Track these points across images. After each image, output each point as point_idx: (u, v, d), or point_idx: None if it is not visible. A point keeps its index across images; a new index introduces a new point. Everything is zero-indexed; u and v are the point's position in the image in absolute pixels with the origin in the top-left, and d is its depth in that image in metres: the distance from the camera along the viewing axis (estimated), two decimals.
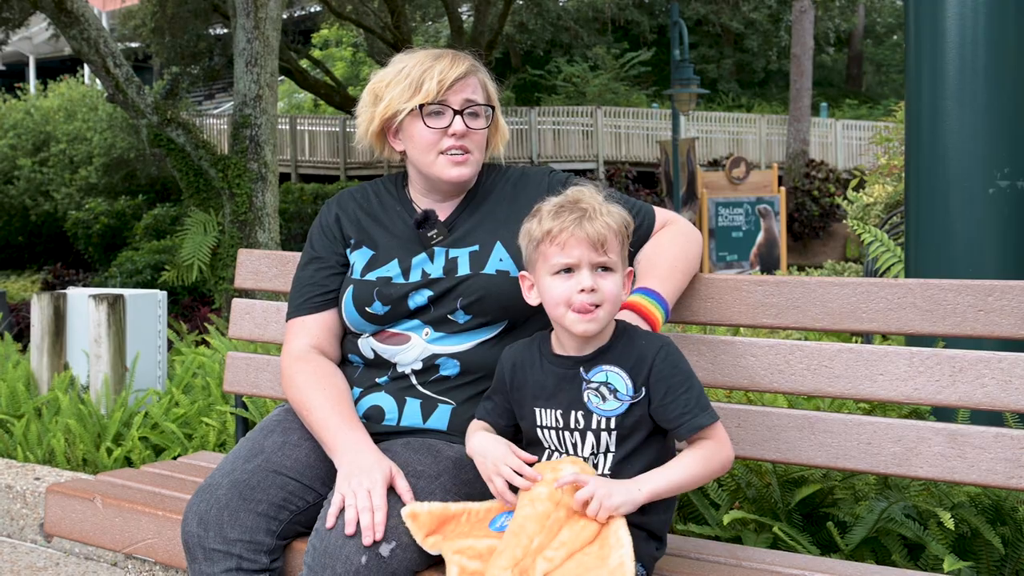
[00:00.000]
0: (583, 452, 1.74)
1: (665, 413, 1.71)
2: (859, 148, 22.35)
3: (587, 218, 1.71)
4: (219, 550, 1.83)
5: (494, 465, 1.75)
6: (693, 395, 1.72)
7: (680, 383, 1.72)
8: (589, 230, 1.70)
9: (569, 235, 1.70)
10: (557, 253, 1.72)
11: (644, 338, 1.78)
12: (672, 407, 1.71)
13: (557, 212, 1.74)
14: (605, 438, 1.73)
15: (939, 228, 2.78)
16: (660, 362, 1.73)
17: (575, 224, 1.70)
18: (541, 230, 1.74)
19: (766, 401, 2.80)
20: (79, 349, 4.73)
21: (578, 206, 1.73)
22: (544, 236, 1.74)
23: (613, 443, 1.73)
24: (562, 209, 1.74)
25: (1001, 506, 2.34)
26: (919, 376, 1.92)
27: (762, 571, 1.87)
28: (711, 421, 1.73)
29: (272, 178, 9.96)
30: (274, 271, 2.65)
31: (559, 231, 1.71)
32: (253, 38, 9.64)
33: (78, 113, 19.85)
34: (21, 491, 3.52)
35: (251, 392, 2.67)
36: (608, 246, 1.71)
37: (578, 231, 1.70)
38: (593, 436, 1.73)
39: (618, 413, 1.72)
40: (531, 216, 1.80)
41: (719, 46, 29.41)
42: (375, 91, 2.09)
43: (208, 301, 11.28)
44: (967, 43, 2.75)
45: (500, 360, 1.89)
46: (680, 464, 1.71)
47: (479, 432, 1.85)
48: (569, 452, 1.75)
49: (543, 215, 1.76)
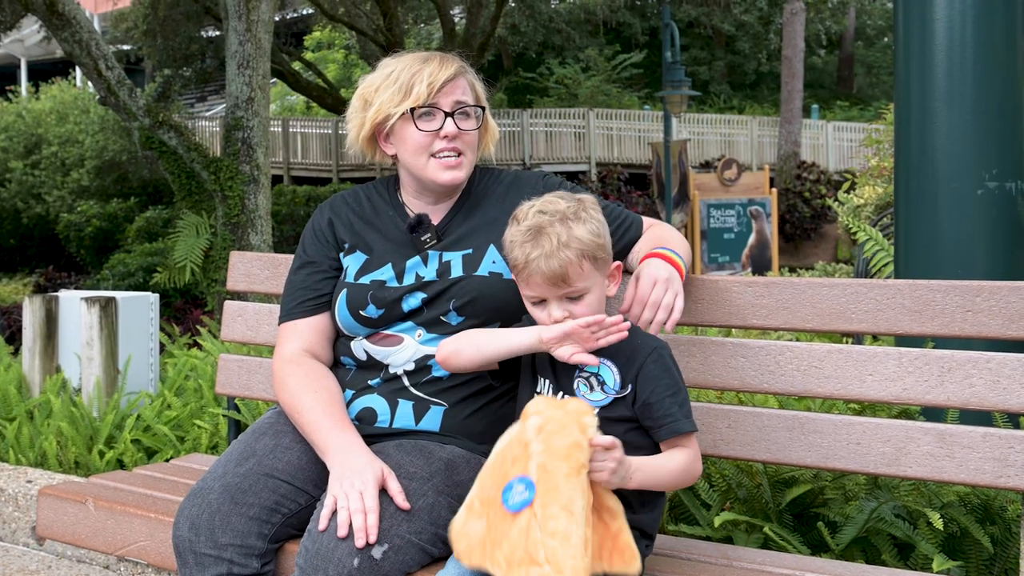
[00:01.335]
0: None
1: (649, 412, 1.76)
2: (850, 150, 22.39)
3: (545, 256, 1.72)
4: (210, 555, 1.83)
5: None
6: (678, 400, 1.77)
7: (668, 386, 1.76)
8: (546, 269, 1.72)
9: (531, 272, 1.74)
10: (524, 286, 1.79)
11: (641, 338, 1.81)
12: (656, 407, 1.75)
13: (522, 241, 1.75)
14: None
15: (928, 229, 2.79)
16: (652, 363, 1.77)
17: (536, 260, 1.72)
18: (510, 257, 1.79)
19: (757, 402, 2.81)
20: (71, 352, 4.72)
21: (539, 239, 1.73)
22: (512, 265, 1.80)
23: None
24: (526, 240, 1.75)
25: (990, 505, 2.35)
26: (908, 376, 1.93)
27: (753, 571, 1.88)
28: (691, 429, 1.77)
29: (264, 180, 9.94)
30: (266, 273, 2.65)
31: (523, 266, 1.75)
32: (245, 40, 9.63)
33: (70, 116, 19.80)
34: (13, 494, 3.51)
35: (243, 394, 2.67)
36: (571, 278, 1.74)
37: (539, 268, 1.73)
38: None
39: (602, 404, 1.77)
40: (510, 224, 1.83)
41: (710, 48, 29.45)
42: (364, 96, 2.09)
43: (200, 303, 11.25)
44: (955, 45, 2.77)
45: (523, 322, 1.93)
46: (668, 459, 1.75)
47: None
48: None
49: (512, 239, 1.79)
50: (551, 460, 1.57)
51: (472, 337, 1.91)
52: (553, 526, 1.54)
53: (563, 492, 1.55)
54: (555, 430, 1.59)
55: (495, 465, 1.66)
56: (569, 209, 1.77)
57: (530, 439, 1.61)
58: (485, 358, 1.88)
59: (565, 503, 1.55)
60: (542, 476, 1.57)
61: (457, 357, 1.90)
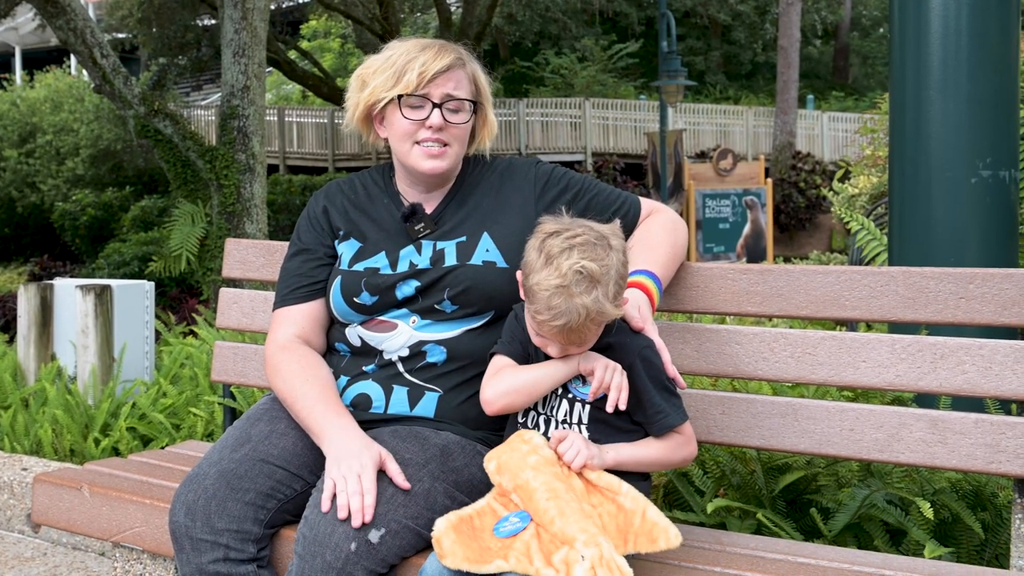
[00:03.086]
0: (557, 415, 1.83)
1: (641, 409, 1.80)
2: (845, 140, 22.39)
3: (570, 328, 1.70)
4: (207, 540, 1.84)
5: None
6: (666, 395, 1.81)
7: (657, 383, 1.81)
8: (564, 335, 1.73)
9: (550, 330, 1.73)
10: (535, 333, 1.79)
11: (629, 336, 1.85)
12: (648, 405, 1.80)
13: (551, 296, 1.69)
14: (578, 409, 1.82)
15: (922, 217, 2.80)
16: (641, 360, 1.81)
17: (557, 324, 1.70)
18: (532, 303, 1.74)
19: (751, 389, 2.82)
20: (66, 340, 4.73)
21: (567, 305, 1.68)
22: (530, 304, 1.75)
23: (586, 415, 1.82)
24: (554, 296, 1.69)
25: (981, 491, 2.37)
26: (901, 363, 1.94)
27: (746, 556, 1.89)
28: (682, 421, 1.82)
29: (260, 169, 9.93)
30: (262, 260, 2.65)
31: (541, 322, 1.73)
32: (241, 29, 9.61)
33: (65, 104, 19.72)
34: (8, 482, 3.52)
35: (239, 381, 2.67)
36: (585, 342, 1.77)
37: (560, 333, 1.72)
38: (567, 404, 1.83)
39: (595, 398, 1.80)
40: (536, 250, 1.75)
41: (706, 38, 29.42)
42: (362, 77, 2.10)
43: (196, 293, 11.24)
44: (950, 34, 2.77)
45: (517, 312, 1.92)
46: (648, 445, 1.82)
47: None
48: (547, 415, 1.83)
49: (538, 283, 1.71)
50: (519, 478, 1.70)
51: (515, 386, 1.84)
52: (550, 516, 1.64)
53: (539, 491, 1.67)
54: (509, 459, 1.74)
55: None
56: (600, 268, 1.71)
57: (498, 480, 1.75)
58: (537, 399, 1.86)
59: (548, 496, 1.66)
60: (523, 496, 1.69)
61: (512, 408, 1.87)
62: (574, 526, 1.62)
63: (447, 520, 1.71)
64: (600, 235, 1.75)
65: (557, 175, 2.14)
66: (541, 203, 2.08)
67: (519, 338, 1.89)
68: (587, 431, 1.81)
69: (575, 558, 1.58)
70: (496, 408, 1.85)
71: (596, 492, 1.73)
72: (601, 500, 1.72)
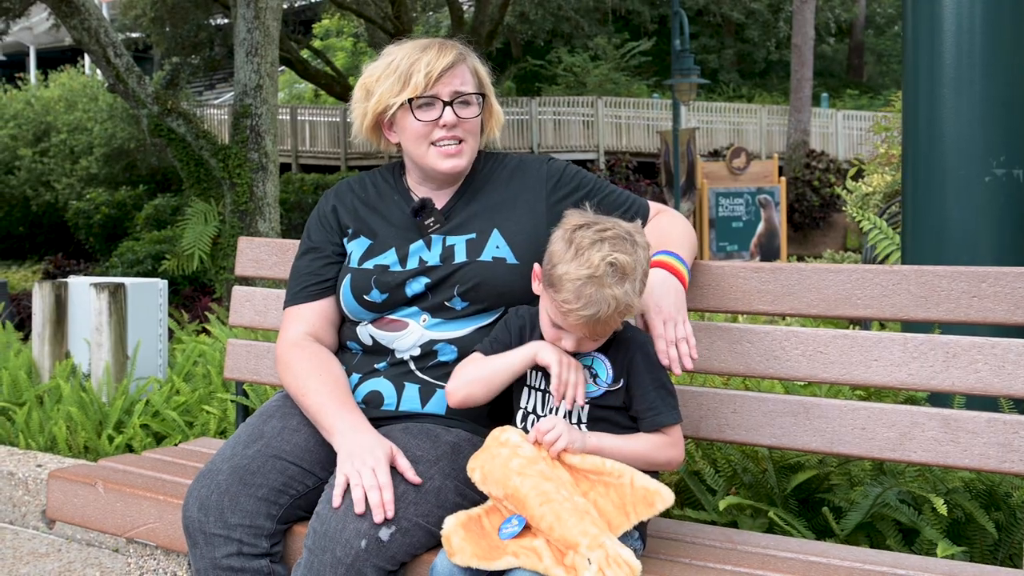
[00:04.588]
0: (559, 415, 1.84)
1: (633, 403, 1.82)
2: (860, 138, 22.32)
3: (597, 320, 1.70)
4: (220, 535, 1.85)
5: None
6: (662, 393, 1.81)
7: (654, 379, 1.82)
8: (591, 326, 1.73)
9: (577, 320, 1.72)
10: (557, 315, 1.76)
11: (629, 330, 1.86)
12: (641, 400, 1.81)
13: (582, 286, 1.69)
14: (577, 409, 1.83)
15: (935, 215, 2.79)
16: (640, 356, 1.83)
17: (585, 315, 1.70)
18: (559, 292, 1.72)
19: (762, 387, 2.82)
20: (80, 337, 4.75)
21: (598, 295, 1.68)
22: (556, 293, 1.73)
23: (585, 415, 1.83)
24: (583, 287, 1.69)
25: (995, 491, 2.36)
26: (913, 362, 1.94)
27: (757, 555, 1.89)
28: (672, 421, 1.82)
29: (273, 168, 9.96)
30: (274, 259, 2.66)
31: (568, 312, 1.71)
32: (253, 28, 9.64)
33: (79, 103, 19.82)
34: (23, 478, 3.54)
35: (251, 379, 2.68)
36: (607, 333, 1.78)
37: (586, 324, 1.72)
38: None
39: (594, 396, 1.82)
40: (566, 241, 1.74)
41: (720, 36, 29.35)
42: (366, 86, 2.10)
43: (209, 291, 11.28)
44: (964, 32, 2.76)
45: (509, 317, 1.94)
46: (634, 439, 1.81)
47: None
48: (546, 416, 1.83)
49: (567, 272, 1.71)
50: (507, 487, 1.70)
51: (474, 376, 1.87)
52: (548, 523, 1.65)
53: (530, 496, 1.67)
54: (492, 467, 1.74)
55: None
56: (631, 261, 1.72)
57: (487, 490, 1.75)
58: (498, 390, 1.87)
59: (540, 501, 1.66)
60: (516, 504, 1.70)
61: (473, 399, 1.88)
62: (574, 530, 1.62)
63: (456, 518, 1.72)
64: (627, 231, 1.77)
65: (569, 174, 2.14)
66: (551, 201, 2.09)
67: (503, 341, 1.90)
68: (587, 431, 1.81)
69: (582, 564, 1.58)
70: (458, 399, 1.88)
71: (583, 478, 1.74)
72: (590, 484, 1.73)
